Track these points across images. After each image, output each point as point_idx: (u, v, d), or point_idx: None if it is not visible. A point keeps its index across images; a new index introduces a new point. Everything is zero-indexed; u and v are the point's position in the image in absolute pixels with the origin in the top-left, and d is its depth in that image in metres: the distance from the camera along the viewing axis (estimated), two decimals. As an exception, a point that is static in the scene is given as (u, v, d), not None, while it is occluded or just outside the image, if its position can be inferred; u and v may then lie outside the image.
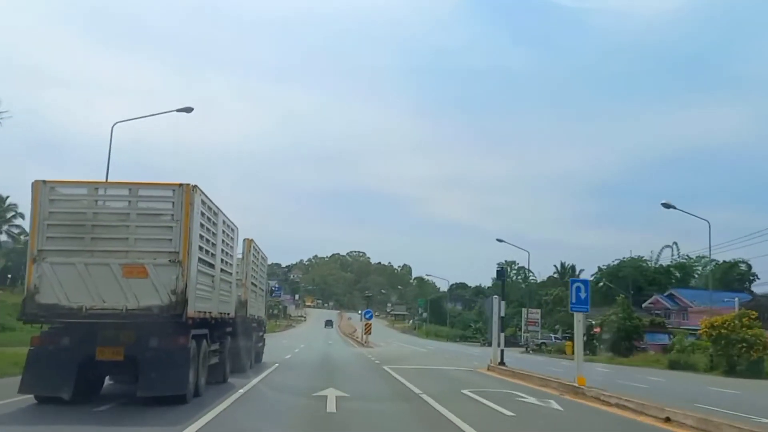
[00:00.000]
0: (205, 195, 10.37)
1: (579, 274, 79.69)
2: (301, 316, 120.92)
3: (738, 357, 27.69)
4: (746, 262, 65.31)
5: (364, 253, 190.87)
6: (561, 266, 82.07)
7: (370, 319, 47.78)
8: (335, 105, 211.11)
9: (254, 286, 19.16)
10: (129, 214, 9.39)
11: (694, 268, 70.09)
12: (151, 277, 9.11)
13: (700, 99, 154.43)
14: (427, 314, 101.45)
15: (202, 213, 10.22)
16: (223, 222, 12.32)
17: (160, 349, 9.28)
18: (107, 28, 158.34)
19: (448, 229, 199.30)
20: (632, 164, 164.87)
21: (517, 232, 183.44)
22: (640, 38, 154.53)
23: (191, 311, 9.44)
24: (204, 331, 10.87)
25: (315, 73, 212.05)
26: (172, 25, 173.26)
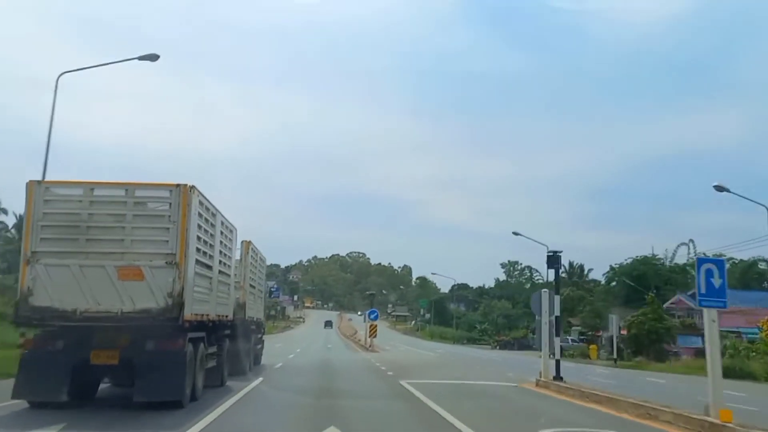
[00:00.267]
0: (203, 196, 10.39)
1: (588, 273, 79.69)
2: (300, 318, 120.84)
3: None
4: (766, 260, 64.78)
5: (364, 254, 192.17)
6: (569, 265, 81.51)
7: (376, 319, 43.28)
8: (334, 108, 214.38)
9: (253, 288, 19.20)
10: (125, 215, 9.37)
11: None
12: (147, 280, 9.11)
13: (697, 102, 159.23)
14: (430, 315, 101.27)
15: (200, 214, 10.24)
16: (221, 223, 12.34)
17: (156, 353, 9.29)
18: (104, 36, 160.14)
19: (447, 231, 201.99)
20: (630, 167, 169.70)
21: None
22: (638, 42, 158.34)
23: (188, 314, 9.45)
24: (201, 334, 10.88)
25: (314, 77, 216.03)
26: (171, 32, 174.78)
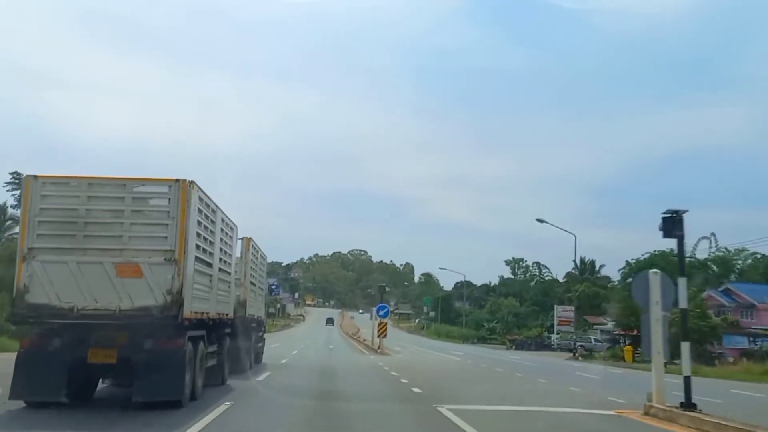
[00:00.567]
0: (203, 191, 10.42)
1: (599, 270, 79.12)
2: (300, 316, 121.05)
3: None
4: None
5: (366, 252, 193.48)
6: (581, 261, 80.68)
7: (386, 316, 37.70)
8: (336, 105, 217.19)
9: (253, 285, 19.28)
10: (123, 211, 9.38)
11: (734, 261, 68.40)
12: (146, 277, 9.12)
13: (701, 99, 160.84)
14: (435, 313, 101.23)
15: (200, 210, 10.27)
16: (222, 220, 12.39)
17: (155, 352, 9.32)
18: (105, 30, 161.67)
19: (449, 229, 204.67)
20: (633, 164, 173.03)
21: (518, 231, 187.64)
22: (640, 38, 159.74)
23: (187, 312, 9.49)
24: (201, 333, 10.93)
25: (315, 73, 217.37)
26: (172, 26, 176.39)
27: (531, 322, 75.92)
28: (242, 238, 17.69)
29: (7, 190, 39.06)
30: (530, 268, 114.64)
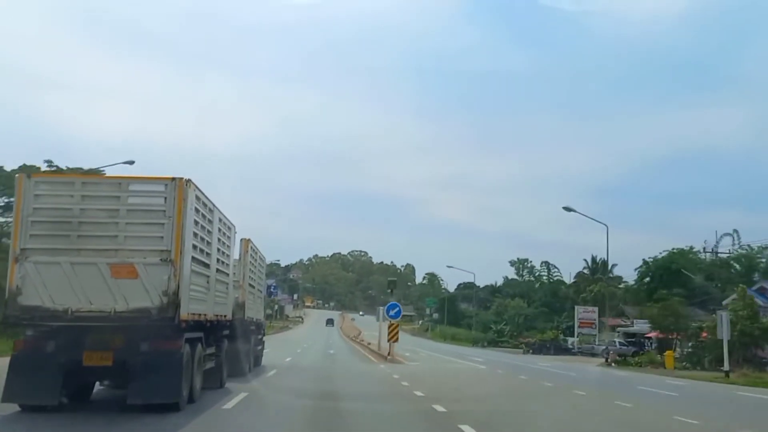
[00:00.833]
0: (200, 190, 10.40)
1: (612, 269, 78.24)
2: (299, 317, 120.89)
3: None
4: None
5: (366, 253, 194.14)
6: (592, 261, 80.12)
7: (397, 317, 31.89)
8: (336, 106, 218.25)
9: (252, 287, 19.30)
10: (118, 211, 9.34)
11: (758, 259, 67.58)
12: (142, 278, 9.11)
13: (701, 100, 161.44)
14: (440, 315, 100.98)
15: (197, 209, 10.26)
16: (219, 220, 12.39)
17: (151, 354, 9.32)
18: (105, 32, 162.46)
19: (450, 230, 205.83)
20: (633, 164, 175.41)
21: (519, 232, 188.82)
22: (640, 40, 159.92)
23: (184, 313, 9.50)
24: (199, 335, 10.96)
25: (316, 74, 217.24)
26: (172, 28, 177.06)
27: (540, 324, 74.95)
28: (241, 240, 17.74)
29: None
30: (536, 269, 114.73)
